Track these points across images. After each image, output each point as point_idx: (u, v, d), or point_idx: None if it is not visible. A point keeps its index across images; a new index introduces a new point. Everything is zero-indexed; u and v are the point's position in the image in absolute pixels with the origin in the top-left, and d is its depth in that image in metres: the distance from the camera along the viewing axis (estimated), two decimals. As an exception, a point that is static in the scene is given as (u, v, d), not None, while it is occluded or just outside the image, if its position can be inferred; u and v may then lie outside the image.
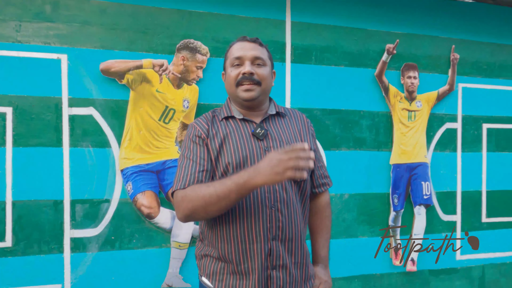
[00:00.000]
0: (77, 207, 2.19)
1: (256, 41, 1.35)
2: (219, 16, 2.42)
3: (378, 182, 2.74)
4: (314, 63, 2.61)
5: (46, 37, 2.16)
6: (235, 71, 1.32)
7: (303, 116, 1.47)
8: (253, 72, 1.30)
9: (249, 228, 1.27)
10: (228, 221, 1.28)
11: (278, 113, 1.41)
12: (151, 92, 2.28)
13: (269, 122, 1.37)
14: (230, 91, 1.36)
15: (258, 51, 1.33)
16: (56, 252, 2.16)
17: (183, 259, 2.33)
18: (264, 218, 1.27)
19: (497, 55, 3.02)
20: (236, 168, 1.27)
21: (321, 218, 1.48)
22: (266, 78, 1.33)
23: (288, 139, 1.35)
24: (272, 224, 1.27)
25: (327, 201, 1.50)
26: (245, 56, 1.31)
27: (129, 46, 2.27)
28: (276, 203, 1.28)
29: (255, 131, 1.32)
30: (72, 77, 2.18)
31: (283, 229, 1.29)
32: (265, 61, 1.34)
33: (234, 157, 1.28)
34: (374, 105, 2.73)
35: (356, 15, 2.68)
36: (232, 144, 1.30)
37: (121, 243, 2.26)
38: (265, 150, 1.30)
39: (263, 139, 1.32)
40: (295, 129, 1.40)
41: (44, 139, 2.15)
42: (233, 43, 1.37)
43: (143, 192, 2.26)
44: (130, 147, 2.25)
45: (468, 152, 2.96)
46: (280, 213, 1.28)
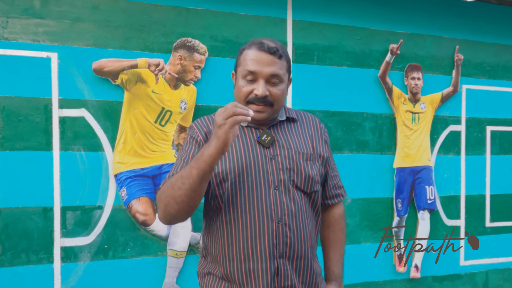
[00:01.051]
0: (68, 214, 2.10)
1: (276, 53, 1.18)
2: (217, 14, 2.33)
3: (381, 186, 2.67)
4: (316, 63, 2.52)
5: (35, 34, 2.05)
6: (247, 87, 1.19)
7: (316, 120, 1.36)
8: (267, 95, 1.18)
9: (253, 245, 1.16)
10: (231, 236, 1.18)
11: (288, 118, 1.30)
12: (147, 93, 2.18)
13: (277, 128, 1.26)
14: (238, 102, 1.23)
15: (276, 67, 1.18)
16: (46, 262, 2.06)
17: (180, 268, 2.24)
18: (270, 233, 1.16)
19: (501, 56, 2.97)
20: (238, 176, 1.17)
21: (334, 231, 1.38)
22: (280, 99, 1.21)
23: (297, 146, 1.25)
24: (279, 241, 1.16)
25: (341, 213, 1.40)
26: (260, 73, 1.17)
27: (124, 44, 2.17)
28: (284, 216, 1.17)
29: (260, 138, 1.21)
30: (62, 76, 2.08)
31: (291, 246, 1.18)
32: (282, 77, 1.20)
33: (236, 164, 1.18)
34: (377, 107, 2.66)
35: (359, 14, 2.61)
36: (234, 151, 1.20)
37: (115, 252, 2.16)
38: (271, 159, 1.20)
39: (270, 146, 1.22)
40: (306, 135, 1.29)
41: (32, 143, 2.05)
42: (248, 48, 1.21)
43: (138, 198, 2.17)
44: (125, 151, 2.15)
45: (471, 155, 2.90)
46: (288, 228, 1.17)
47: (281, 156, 1.21)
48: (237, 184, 1.17)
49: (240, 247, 1.17)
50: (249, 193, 1.17)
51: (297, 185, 1.21)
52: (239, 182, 1.18)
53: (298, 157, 1.22)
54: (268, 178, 1.18)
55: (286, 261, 1.17)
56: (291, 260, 1.18)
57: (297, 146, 1.24)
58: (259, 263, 1.16)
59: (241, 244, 1.17)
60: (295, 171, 1.20)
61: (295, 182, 1.20)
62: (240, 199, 1.17)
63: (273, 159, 1.20)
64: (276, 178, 1.19)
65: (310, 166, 1.23)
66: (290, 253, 1.18)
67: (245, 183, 1.17)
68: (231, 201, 1.18)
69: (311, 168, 1.23)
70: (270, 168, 1.19)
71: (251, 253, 1.16)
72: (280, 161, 1.20)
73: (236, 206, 1.17)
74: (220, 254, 1.20)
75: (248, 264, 1.16)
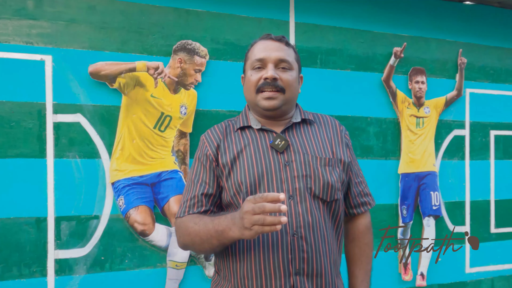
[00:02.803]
0: (63, 224, 2.00)
1: (282, 40, 1.17)
2: (219, 16, 2.25)
3: (386, 192, 2.61)
4: (319, 66, 2.46)
5: (28, 36, 1.97)
6: (256, 75, 1.14)
7: (335, 122, 1.28)
8: (276, 77, 1.12)
9: (266, 261, 1.07)
10: (243, 252, 1.10)
11: (305, 120, 1.22)
12: (145, 97, 2.10)
13: (292, 132, 1.18)
14: (249, 98, 1.17)
15: (283, 52, 1.15)
16: (39, 275, 1.96)
17: (181, 280, 2.15)
18: (284, 248, 1.07)
19: (503, 60, 2.94)
20: (250, 187, 1.10)
21: (359, 245, 1.28)
22: (291, 84, 1.15)
23: (314, 151, 1.16)
24: (295, 255, 1.08)
25: (367, 224, 1.30)
26: (268, 58, 1.13)
27: (121, 46, 2.09)
28: (299, 229, 1.08)
29: (273, 143, 1.13)
30: (57, 80, 1.99)
31: (308, 261, 1.09)
32: (292, 64, 1.16)
33: (248, 175, 1.10)
34: (382, 111, 2.60)
35: (362, 17, 2.55)
36: (246, 160, 1.12)
37: (112, 264, 2.07)
38: (285, 165, 1.12)
39: (284, 151, 1.13)
40: (324, 139, 1.21)
41: (25, 149, 1.96)
42: (255, 42, 1.19)
43: (137, 207, 2.07)
44: (122, 158, 2.06)
45: (476, 160, 2.85)
46: (304, 242, 1.09)
47: (296, 162, 1.13)
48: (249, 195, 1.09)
49: (252, 263, 1.09)
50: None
51: (315, 194, 1.12)
52: (251, 192, 1.10)
53: (316, 163, 1.14)
54: (282, 187, 1.10)
55: (304, 279, 1.09)
56: (310, 277, 1.09)
57: (314, 151, 1.16)
58: (272, 280, 1.07)
59: (252, 260, 1.08)
60: (312, 178, 1.12)
61: (312, 190, 1.12)
62: None
63: (288, 166, 1.12)
64: (291, 186, 1.11)
65: (329, 172, 1.15)
66: (308, 270, 1.09)
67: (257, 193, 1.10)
68: None
69: (331, 174, 1.15)
70: (284, 176, 1.11)
71: (263, 270, 1.07)
72: (295, 168, 1.12)
73: None
74: (231, 271, 1.12)
75: (260, 282, 1.08)
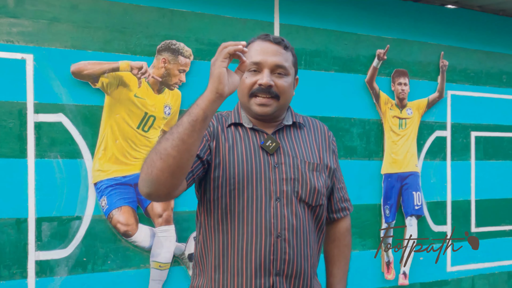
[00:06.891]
0: (44, 225, 1.98)
1: (281, 43, 1.14)
2: (203, 16, 2.26)
3: (369, 192, 2.64)
4: (303, 67, 2.48)
5: (8, 35, 1.94)
6: (251, 78, 1.12)
7: (324, 128, 1.29)
8: (271, 85, 1.11)
9: (248, 259, 1.08)
10: (226, 246, 1.10)
11: (295, 123, 1.23)
12: (129, 97, 2.09)
13: (283, 134, 1.19)
14: (242, 100, 1.17)
15: (281, 56, 1.13)
16: (19, 277, 1.94)
17: (164, 280, 2.14)
18: (267, 248, 1.08)
19: (484, 62, 3.00)
20: (238, 184, 1.10)
21: (339, 246, 1.30)
22: (286, 91, 1.14)
23: (303, 155, 1.17)
24: (277, 257, 1.09)
25: (347, 227, 1.32)
26: (264, 63, 1.11)
27: (104, 46, 2.08)
28: (284, 231, 1.10)
29: (264, 144, 1.14)
30: (38, 79, 1.97)
31: (289, 263, 1.10)
32: (288, 70, 1.14)
33: (237, 170, 1.10)
34: (365, 112, 2.63)
35: (346, 19, 2.58)
36: (237, 156, 1.12)
37: (94, 265, 2.05)
38: (274, 167, 1.12)
39: (274, 153, 1.14)
40: (313, 144, 1.21)
41: (5, 149, 1.93)
42: (252, 41, 1.16)
43: (119, 208, 2.06)
44: (105, 158, 2.05)
45: (457, 160, 2.91)
46: (287, 244, 1.10)
47: (285, 165, 1.13)
48: (236, 192, 1.10)
49: (234, 259, 1.09)
50: (248, 203, 1.10)
51: (301, 197, 1.13)
52: (238, 189, 1.10)
53: (304, 167, 1.15)
54: (270, 188, 1.11)
55: (283, 279, 1.10)
56: (289, 278, 1.11)
57: (303, 155, 1.17)
58: (252, 279, 1.08)
59: (235, 256, 1.09)
60: (300, 182, 1.13)
61: (299, 194, 1.13)
62: (238, 208, 1.10)
63: (277, 168, 1.13)
64: (279, 188, 1.12)
65: (316, 177, 1.16)
66: (288, 271, 1.11)
67: (244, 191, 1.10)
68: (228, 209, 1.10)
69: (317, 179, 1.16)
70: (273, 177, 1.12)
71: (245, 267, 1.08)
72: (284, 170, 1.13)
73: (233, 215, 1.10)
74: (211, 266, 1.12)
75: (241, 280, 1.09)
